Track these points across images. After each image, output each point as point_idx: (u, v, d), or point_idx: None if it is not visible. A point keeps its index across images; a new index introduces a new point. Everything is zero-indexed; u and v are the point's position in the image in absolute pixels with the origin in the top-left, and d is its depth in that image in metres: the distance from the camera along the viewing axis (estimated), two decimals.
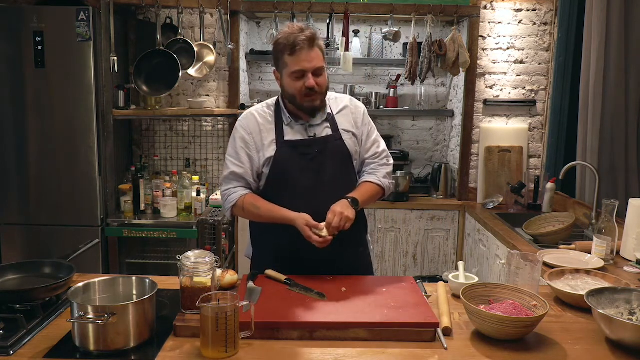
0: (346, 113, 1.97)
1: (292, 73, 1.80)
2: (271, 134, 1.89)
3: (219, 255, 3.07)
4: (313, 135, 1.90)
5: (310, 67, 1.78)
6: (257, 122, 1.91)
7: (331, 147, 1.90)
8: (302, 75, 1.79)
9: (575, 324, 1.58)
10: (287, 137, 1.88)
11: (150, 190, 3.43)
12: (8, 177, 3.28)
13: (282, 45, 1.79)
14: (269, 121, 1.91)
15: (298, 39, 1.75)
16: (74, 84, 3.20)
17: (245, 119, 1.94)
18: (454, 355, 1.37)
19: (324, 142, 1.90)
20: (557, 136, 3.63)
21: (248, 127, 1.91)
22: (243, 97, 3.82)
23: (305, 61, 1.77)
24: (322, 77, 1.83)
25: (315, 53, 1.79)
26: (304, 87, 1.79)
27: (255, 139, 1.89)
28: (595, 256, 2.22)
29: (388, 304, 1.56)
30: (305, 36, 1.76)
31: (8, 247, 3.33)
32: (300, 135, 1.89)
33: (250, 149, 1.89)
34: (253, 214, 1.89)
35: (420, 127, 4.13)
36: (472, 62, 3.62)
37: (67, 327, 1.45)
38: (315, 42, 1.79)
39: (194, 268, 1.49)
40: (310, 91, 1.80)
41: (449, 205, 3.72)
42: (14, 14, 3.16)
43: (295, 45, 1.75)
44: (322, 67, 1.82)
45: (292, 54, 1.77)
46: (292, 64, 1.78)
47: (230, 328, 1.32)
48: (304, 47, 1.76)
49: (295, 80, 1.80)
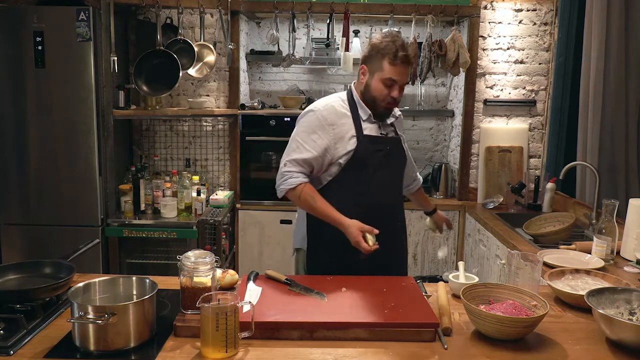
0: (400, 120, 2.19)
1: (385, 79, 1.92)
2: (351, 127, 1.98)
3: (219, 255, 3.07)
4: (385, 134, 2.05)
5: (402, 81, 1.93)
6: (338, 114, 1.99)
7: (398, 147, 2.10)
8: (392, 84, 1.92)
9: (575, 324, 1.58)
10: (366, 132, 1.99)
11: (151, 190, 3.43)
12: (8, 177, 3.28)
13: (386, 49, 1.89)
14: (347, 115, 2.00)
15: (401, 53, 1.88)
16: (74, 84, 3.19)
17: (326, 109, 1.99)
18: (454, 355, 1.37)
19: (393, 142, 2.08)
20: (557, 136, 3.63)
21: (330, 118, 1.98)
22: (243, 97, 3.82)
23: (400, 74, 1.91)
24: (403, 91, 1.99)
25: (408, 70, 1.95)
26: (389, 96, 1.94)
27: (335, 131, 1.96)
28: (595, 256, 2.22)
29: (388, 304, 1.57)
30: (408, 53, 1.90)
31: (8, 247, 3.33)
32: (375, 132, 2.02)
33: (329, 138, 1.95)
34: (307, 204, 1.94)
35: (420, 127, 4.13)
36: (472, 62, 3.62)
37: (67, 327, 1.45)
38: (415, 60, 2.05)
39: (194, 268, 1.48)
40: (394, 100, 1.96)
41: (449, 205, 3.72)
42: (14, 14, 3.15)
43: (397, 58, 1.88)
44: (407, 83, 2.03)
45: (392, 63, 1.89)
46: (388, 71, 1.91)
47: (230, 328, 1.32)
48: (405, 62, 1.90)
49: (385, 86, 1.93)
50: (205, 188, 3.63)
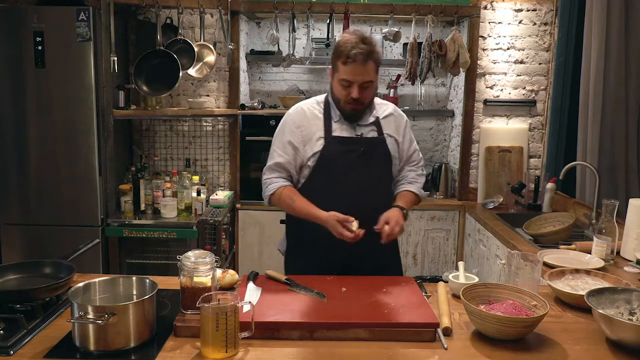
0: (390, 120, 2.05)
1: (340, 80, 1.87)
2: (320, 129, 1.96)
3: (219, 255, 3.07)
4: (360, 135, 1.97)
5: (359, 80, 1.85)
6: (306, 116, 1.98)
7: (376, 148, 1.98)
8: (349, 84, 1.86)
9: (575, 324, 1.58)
10: (335, 133, 1.95)
11: (151, 190, 3.43)
12: (8, 177, 3.28)
13: (338, 51, 1.85)
14: (318, 117, 1.98)
15: (353, 51, 1.80)
16: (74, 84, 3.19)
17: (296, 112, 2.01)
18: (454, 355, 1.37)
19: (370, 142, 1.98)
20: (557, 136, 3.63)
21: (298, 120, 1.98)
22: (243, 97, 3.82)
23: (354, 74, 1.83)
24: (369, 90, 1.90)
25: (368, 67, 1.84)
26: (349, 96, 1.88)
27: (303, 132, 1.96)
28: (595, 256, 2.22)
29: (388, 304, 1.57)
30: (362, 49, 1.80)
31: (8, 247, 3.33)
32: (348, 133, 1.96)
33: (298, 141, 1.96)
34: (288, 206, 1.95)
35: (420, 127, 4.13)
36: (472, 62, 3.62)
37: (67, 327, 1.44)
38: (371, 56, 1.83)
39: (194, 268, 1.48)
40: (355, 102, 1.88)
41: (449, 205, 3.72)
42: (14, 14, 3.15)
43: (349, 57, 1.81)
44: (371, 81, 1.87)
45: (345, 63, 1.83)
46: (342, 72, 1.85)
47: (230, 328, 1.32)
48: (357, 60, 1.81)
49: (342, 87, 1.88)
50: (205, 188, 3.63)
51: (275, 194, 1.96)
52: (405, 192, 2.05)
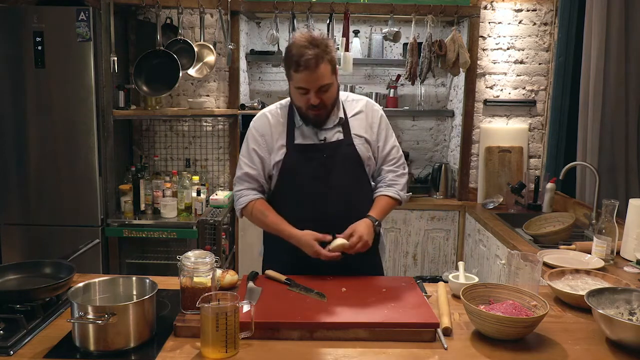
0: (361, 117, 1.94)
1: (296, 88, 1.79)
2: (282, 136, 1.88)
3: (219, 255, 3.07)
4: (323, 140, 1.87)
5: (314, 87, 1.75)
6: (269, 124, 1.91)
7: (341, 152, 1.88)
8: (306, 92, 1.77)
9: (575, 324, 1.58)
10: (297, 140, 1.88)
11: (151, 191, 3.43)
12: (8, 177, 3.28)
13: (289, 58, 1.76)
14: (281, 122, 1.90)
15: (303, 58, 1.70)
16: (74, 84, 3.19)
17: (259, 119, 1.94)
18: (454, 355, 1.37)
19: (334, 146, 1.88)
20: (557, 136, 3.63)
21: (261, 128, 1.91)
22: (243, 97, 3.82)
23: (307, 81, 1.74)
24: (329, 93, 1.80)
25: (321, 71, 1.73)
26: (308, 103, 1.78)
27: (267, 141, 1.90)
28: (595, 256, 2.22)
29: (388, 304, 1.57)
30: (312, 54, 1.70)
31: (8, 247, 3.33)
32: (311, 139, 1.88)
33: (262, 150, 1.90)
34: (260, 221, 1.92)
35: (420, 127, 4.13)
36: (472, 62, 3.62)
37: (67, 327, 1.45)
38: (323, 58, 1.72)
39: (194, 268, 1.48)
40: (315, 108, 1.79)
41: (449, 205, 3.72)
42: (14, 14, 3.15)
43: (299, 65, 1.71)
44: (328, 84, 1.77)
45: (296, 70, 1.73)
46: (296, 80, 1.76)
47: (230, 328, 1.32)
48: (309, 66, 1.71)
49: (299, 94, 1.79)
50: (205, 188, 3.63)
51: (247, 207, 1.91)
52: (381, 197, 1.93)
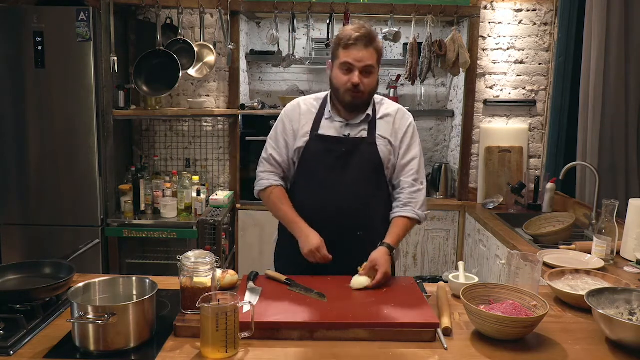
0: (388, 120, 1.95)
1: (341, 64, 1.82)
2: (309, 125, 1.93)
3: (219, 255, 3.07)
4: (347, 135, 1.91)
5: (359, 65, 1.80)
6: (300, 111, 1.96)
7: (362, 150, 1.89)
8: (350, 69, 1.81)
9: (575, 324, 1.58)
10: (321, 131, 1.92)
11: (151, 191, 3.43)
12: (8, 177, 3.28)
13: (339, 38, 1.83)
14: (312, 112, 1.95)
15: (354, 35, 1.78)
16: (74, 84, 3.19)
17: (291, 106, 2.00)
18: (454, 356, 1.37)
19: (356, 143, 1.90)
20: (557, 136, 3.63)
21: (290, 114, 1.97)
22: (243, 97, 3.82)
23: (355, 56, 1.79)
24: (371, 78, 1.84)
25: (369, 52, 1.80)
26: (349, 82, 1.81)
27: (294, 127, 1.95)
28: (595, 256, 2.22)
29: (388, 304, 1.56)
30: (361, 34, 1.78)
31: (8, 247, 3.33)
32: (335, 132, 1.91)
33: (288, 135, 1.95)
34: (275, 207, 1.95)
35: (420, 127, 4.12)
36: (472, 62, 3.62)
37: (67, 327, 1.45)
38: (372, 43, 1.80)
39: (194, 268, 1.48)
40: (355, 88, 1.81)
41: (449, 205, 3.72)
42: (14, 14, 3.15)
43: (349, 40, 1.78)
44: (372, 66, 1.82)
45: (345, 48, 1.80)
46: (342, 56, 1.81)
47: (230, 328, 1.32)
48: (358, 44, 1.78)
49: (343, 73, 1.83)
50: (205, 188, 3.62)
51: (266, 191, 1.96)
52: (398, 219, 1.89)
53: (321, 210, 1.88)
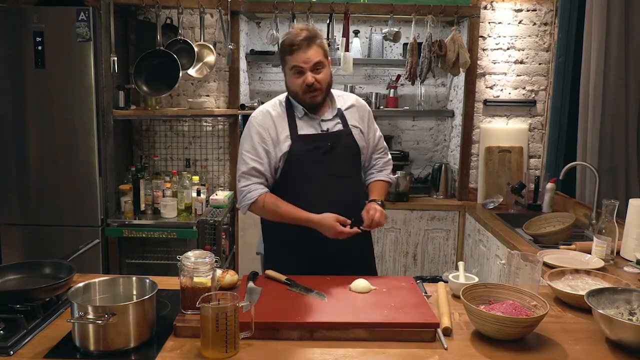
0: (353, 110, 2.05)
1: (291, 68, 1.88)
2: (285, 128, 1.95)
3: (219, 255, 3.07)
4: (326, 130, 1.96)
5: (307, 65, 1.86)
6: (272, 118, 1.97)
7: (343, 142, 1.98)
8: (301, 71, 1.87)
9: (575, 324, 1.58)
10: (300, 131, 1.94)
11: (150, 191, 3.43)
12: (8, 177, 3.28)
13: (282, 46, 1.89)
14: (282, 116, 1.97)
15: (296, 39, 1.84)
16: (74, 84, 3.19)
17: (260, 114, 1.99)
18: (454, 356, 1.37)
19: (336, 136, 1.97)
20: (557, 136, 3.63)
21: (264, 123, 1.96)
22: (243, 97, 3.82)
23: (302, 58, 1.85)
24: (322, 74, 1.89)
25: (313, 50, 1.86)
26: (303, 84, 1.87)
27: (271, 134, 1.95)
28: (595, 256, 2.22)
29: (388, 304, 1.57)
30: (303, 36, 1.84)
31: (8, 247, 3.33)
32: (313, 129, 1.96)
33: (267, 144, 1.94)
34: (274, 213, 1.93)
35: (420, 127, 4.13)
36: (472, 62, 3.62)
37: (67, 327, 1.45)
38: (314, 40, 1.86)
39: (194, 268, 1.48)
40: (310, 87, 1.87)
41: (449, 205, 3.72)
42: (14, 14, 3.15)
43: (293, 45, 1.84)
44: (321, 62, 1.88)
45: (290, 53, 1.86)
46: (290, 61, 1.87)
47: (230, 328, 1.32)
48: (302, 46, 1.84)
49: (295, 77, 1.88)
50: (205, 188, 3.63)
51: (258, 201, 1.92)
52: (376, 182, 2.12)
53: (316, 206, 1.89)
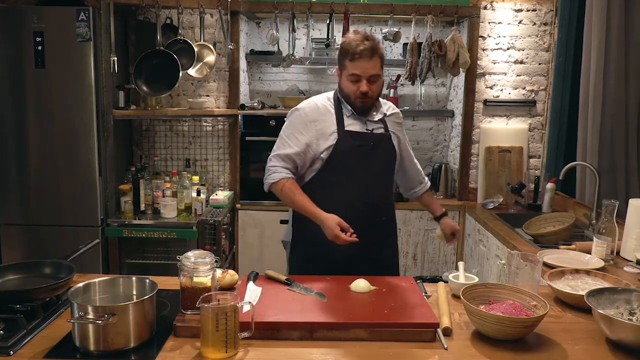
0: (393, 118, 2.17)
1: (349, 75, 1.95)
2: (333, 123, 2.02)
3: (219, 255, 3.07)
4: (371, 130, 2.05)
5: (366, 75, 1.94)
6: (320, 111, 2.04)
7: (383, 144, 2.08)
8: (358, 79, 1.95)
9: (575, 324, 1.58)
10: (348, 127, 2.02)
11: (150, 191, 3.43)
12: (8, 177, 3.28)
13: (344, 50, 1.95)
14: (330, 112, 2.04)
15: (359, 48, 1.90)
16: (74, 84, 3.19)
17: (309, 106, 2.06)
18: (454, 356, 1.37)
19: (379, 137, 2.07)
20: (557, 136, 3.63)
21: (312, 114, 2.04)
22: (243, 97, 3.82)
23: (362, 68, 1.93)
24: (376, 84, 1.99)
25: (374, 62, 1.93)
26: (358, 91, 1.96)
27: (317, 127, 2.01)
28: (595, 256, 2.22)
29: (388, 304, 1.57)
30: (366, 46, 1.90)
31: (8, 247, 3.33)
32: (360, 128, 2.04)
33: (311, 135, 2.01)
34: (288, 198, 2.00)
35: (420, 127, 4.13)
36: (472, 62, 3.62)
37: (67, 327, 1.45)
38: (377, 52, 1.93)
39: (194, 268, 1.48)
40: (364, 95, 1.96)
41: (449, 205, 3.72)
42: (14, 14, 3.15)
43: (355, 54, 1.91)
44: (378, 75, 1.97)
45: (352, 60, 1.93)
46: (351, 68, 1.94)
47: (230, 328, 1.32)
48: (364, 56, 1.91)
49: (351, 83, 1.96)
50: (205, 188, 3.62)
51: (279, 183, 2.00)
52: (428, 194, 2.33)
53: (354, 202, 2.00)
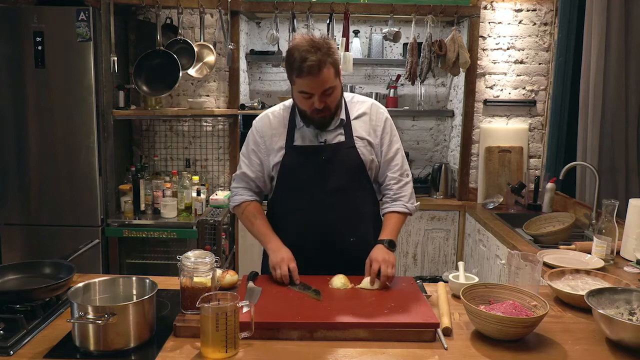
0: (364, 119, 1.90)
1: (299, 92, 1.75)
2: (282, 137, 1.87)
3: (219, 255, 3.07)
4: (324, 142, 1.84)
5: (318, 91, 1.71)
6: (270, 125, 1.91)
7: (342, 155, 1.84)
8: (310, 96, 1.73)
9: (575, 324, 1.58)
10: (296, 142, 1.86)
11: (150, 191, 3.43)
12: (8, 177, 3.28)
13: (290, 62, 1.71)
14: (283, 124, 1.89)
15: (306, 64, 1.65)
16: (74, 84, 3.19)
17: (261, 120, 1.95)
18: (454, 356, 1.37)
19: (334, 149, 1.84)
20: (557, 136, 3.63)
21: (261, 130, 1.92)
22: (243, 97, 3.82)
23: (311, 86, 1.70)
24: (333, 96, 1.76)
25: (325, 75, 1.68)
26: (312, 107, 1.75)
27: (266, 143, 1.89)
28: (595, 256, 2.22)
29: (388, 304, 1.56)
30: (315, 59, 1.65)
31: (8, 247, 3.33)
32: (310, 141, 1.85)
33: (261, 152, 1.90)
34: (248, 223, 1.94)
35: (420, 127, 4.13)
36: (472, 62, 3.62)
37: (67, 327, 1.45)
38: (325, 63, 1.67)
39: (194, 268, 1.48)
40: (320, 111, 1.76)
41: (449, 205, 3.72)
42: (14, 14, 3.15)
43: (302, 71, 1.66)
44: (332, 87, 1.73)
45: (299, 76, 1.69)
46: (299, 84, 1.72)
47: (230, 328, 1.32)
48: (312, 72, 1.66)
49: (304, 99, 1.75)
50: (205, 188, 3.63)
51: (240, 207, 1.95)
52: (390, 214, 1.90)
53: (309, 223, 1.85)
